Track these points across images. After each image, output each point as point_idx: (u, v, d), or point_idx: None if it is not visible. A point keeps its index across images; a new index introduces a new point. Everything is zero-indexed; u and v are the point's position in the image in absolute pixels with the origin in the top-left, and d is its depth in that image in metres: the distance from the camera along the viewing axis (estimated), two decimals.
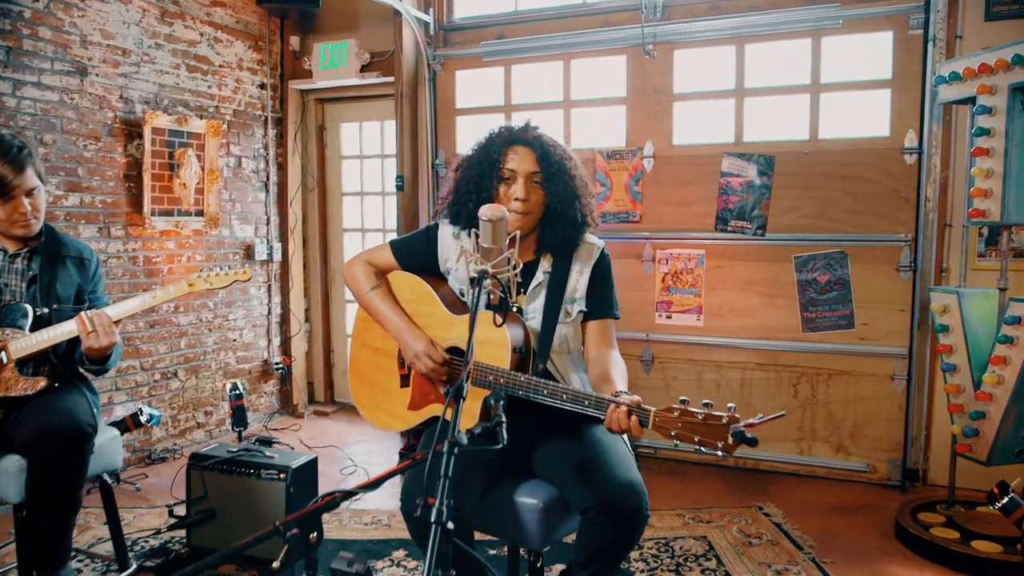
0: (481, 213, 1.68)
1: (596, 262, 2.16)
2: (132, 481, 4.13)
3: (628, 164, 4.59)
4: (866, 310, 4.14)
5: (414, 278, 2.19)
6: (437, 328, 2.11)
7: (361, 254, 2.31)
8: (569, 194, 2.10)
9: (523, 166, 2.06)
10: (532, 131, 2.14)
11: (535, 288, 2.12)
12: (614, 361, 2.03)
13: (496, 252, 1.66)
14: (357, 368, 2.30)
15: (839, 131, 4.15)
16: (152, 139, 4.40)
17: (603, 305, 2.16)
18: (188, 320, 4.76)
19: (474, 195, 2.08)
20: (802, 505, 3.95)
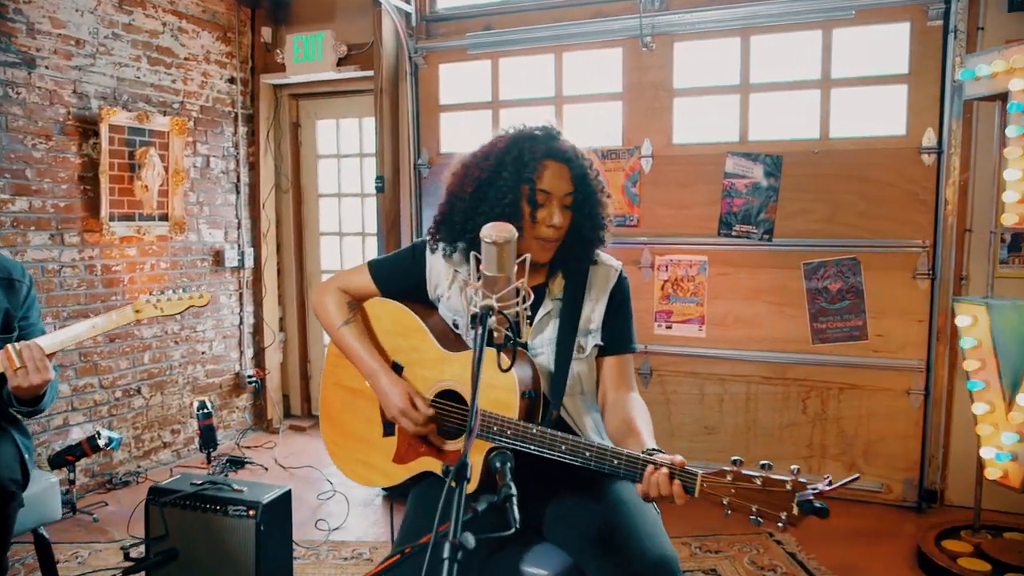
0: (485, 234, 1.36)
1: (614, 287, 1.85)
2: (89, 511, 3.78)
3: (625, 164, 4.30)
4: (880, 321, 3.88)
5: (397, 306, 1.87)
6: (426, 367, 1.80)
7: (334, 279, 1.97)
8: (598, 217, 1.80)
9: (558, 187, 1.74)
10: (564, 142, 1.80)
11: (544, 318, 1.80)
12: (636, 407, 1.72)
13: (502, 282, 1.35)
14: (330, 413, 1.98)
15: (852, 129, 3.88)
16: (110, 137, 4.04)
17: (621, 338, 1.85)
18: (152, 332, 4.41)
19: (492, 216, 1.69)
20: (816, 530, 3.68)
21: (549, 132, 1.80)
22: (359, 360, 1.84)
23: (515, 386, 1.59)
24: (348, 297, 1.93)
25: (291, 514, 3.11)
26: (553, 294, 1.82)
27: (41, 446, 3.83)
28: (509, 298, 1.36)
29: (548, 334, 1.80)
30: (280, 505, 3.03)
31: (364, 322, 1.92)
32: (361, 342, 1.85)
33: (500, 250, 1.34)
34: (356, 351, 1.85)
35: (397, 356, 1.87)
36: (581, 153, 1.80)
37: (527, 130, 1.80)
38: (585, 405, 1.83)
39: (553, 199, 1.72)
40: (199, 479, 3.09)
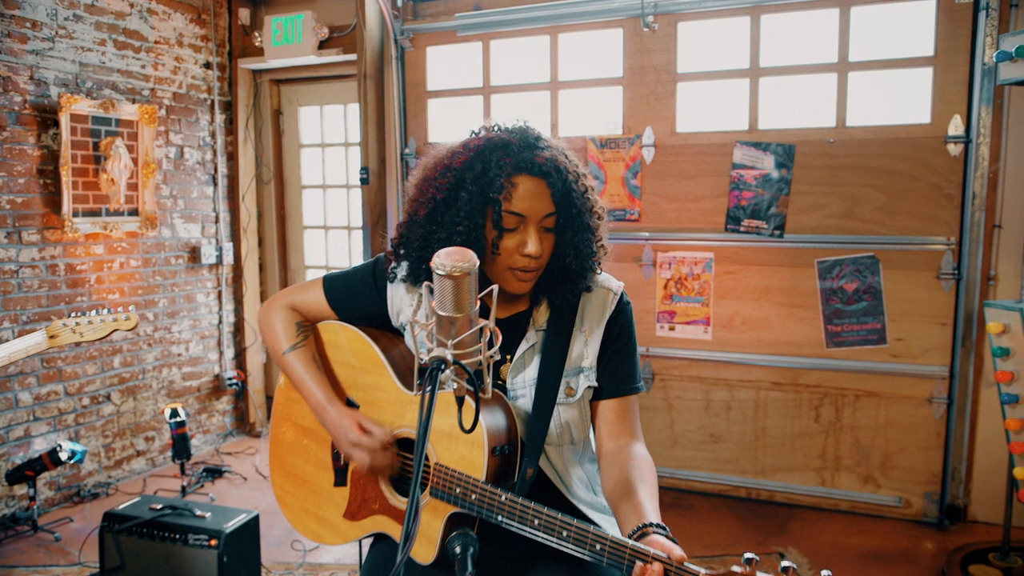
0: (437, 263, 1.06)
1: (612, 316, 1.52)
2: (51, 529, 3.53)
3: (625, 154, 4.00)
4: (900, 323, 3.60)
5: (355, 334, 1.58)
6: (384, 410, 1.52)
7: (283, 294, 1.68)
8: (585, 244, 1.45)
9: (535, 208, 1.39)
10: (544, 151, 1.43)
11: (525, 353, 1.50)
12: (638, 463, 1.41)
13: (461, 323, 1.07)
14: (280, 454, 1.71)
15: (871, 117, 3.58)
16: (72, 127, 3.76)
17: (621, 377, 1.52)
18: (122, 335, 4.14)
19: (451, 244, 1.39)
20: (828, 549, 3.43)
21: (525, 138, 1.44)
22: (307, 391, 1.57)
23: (483, 440, 1.31)
24: (299, 316, 1.64)
25: (259, 542, 2.85)
26: (537, 324, 1.51)
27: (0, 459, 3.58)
28: (470, 344, 1.08)
29: (529, 373, 1.49)
30: (246, 532, 2.78)
31: (317, 347, 1.64)
32: (310, 371, 1.57)
33: (456, 285, 1.04)
34: (304, 381, 1.57)
35: (353, 393, 1.59)
36: (566, 162, 1.44)
37: (498, 136, 1.44)
38: (574, 456, 1.54)
39: (529, 223, 1.39)
40: (159, 502, 2.84)
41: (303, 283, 1.67)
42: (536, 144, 1.44)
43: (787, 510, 3.82)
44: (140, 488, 4.10)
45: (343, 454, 1.51)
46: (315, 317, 1.65)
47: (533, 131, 1.48)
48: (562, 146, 1.49)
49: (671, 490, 4.06)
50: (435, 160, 1.48)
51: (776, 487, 3.88)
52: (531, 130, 1.48)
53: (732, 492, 3.97)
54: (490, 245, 1.39)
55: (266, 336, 1.66)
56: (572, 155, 1.50)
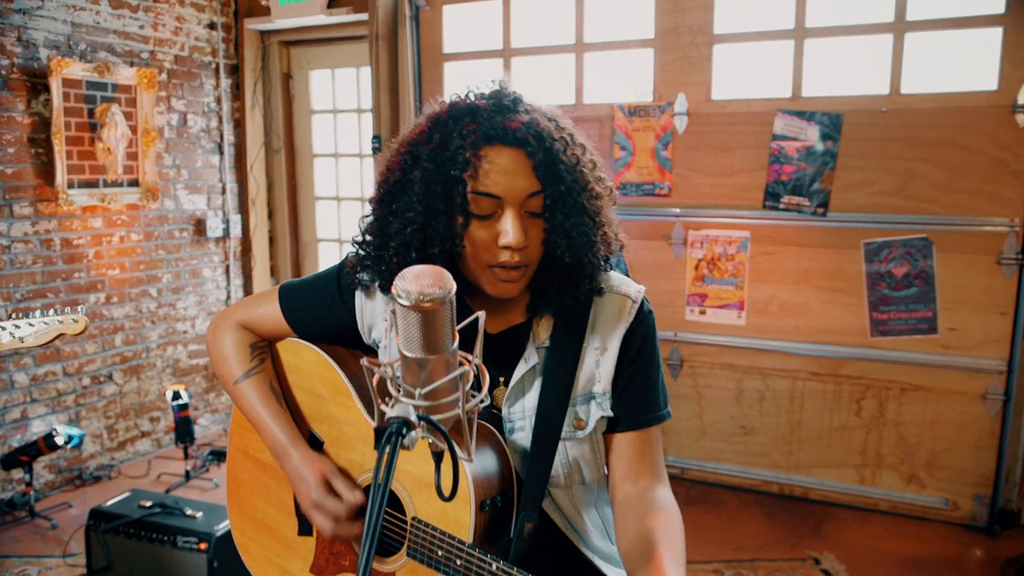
0: (400, 290, 0.80)
1: (631, 328, 1.24)
2: (48, 516, 3.39)
3: (655, 123, 3.69)
4: (954, 312, 3.29)
5: (319, 357, 1.32)
6: (353, 447, 1.28)
7: (233, 309, 1.41)
8: (584, 228, 1.17)
9: (513, 186, 1.11)
10: (521, 114, 1.14)
11: (524, 376, 1.23)
12: (662, 518, 1.14)
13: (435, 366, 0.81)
14: (237, 492, 1.47)
15: (929, 83, 3.23)
16: (64, 93, 3.54)
17: (643, 404, 1.24)
18: (124, 312, 3.97)
19: (412, 247, 1.14)
20: (867, 554, 3.18)
21: (498, 101, 1.15)
22: (264, 429, 1.32)
23: (469, 494, 1.07)
24: (252, 336, 1.38)
25: None
26: (539, 340, 1.24)
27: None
28: (447, 392, 0.83)
29: (529, 401, 1.23)
30: None
31: (276, 370, 1.39)
32: (267, 405, 1.32)
33: (426, 319, 0.79)
34: (260, 417, 1.32)
35: (317, 426, 1.34)
36: (549, 127, 1.15)
37: (465, 102, 1.17)
38: (588, 498, 1.29)
39: (507, 205, 1.11)
40: (150, 499, 2.66)
41: (257, 294, 1.41)
42: (512, 107, 1.15)
43: (822, 508, 3.57)
44: (144, 470, 3.96)
45: (304, 512, 1.27)
46: (271, 335, 1.39)
47: (510, 93, 1.18)
48: (550, 110, 1.21)
49: (698, 483, 3.82)
50: (399, 138, 1.22)
51: (811, 484, 3.62)
52: (507, 92, 1.18)
53: (763, 487, 3.72)
54: (455, 236, 1.12)
55: (214, 362, 1.40)
56: (565, 120, 1.21)
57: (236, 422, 1.43)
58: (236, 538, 1.44)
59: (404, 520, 1.17)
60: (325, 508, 1.22)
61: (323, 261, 4.91)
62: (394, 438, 0.75)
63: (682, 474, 3.86)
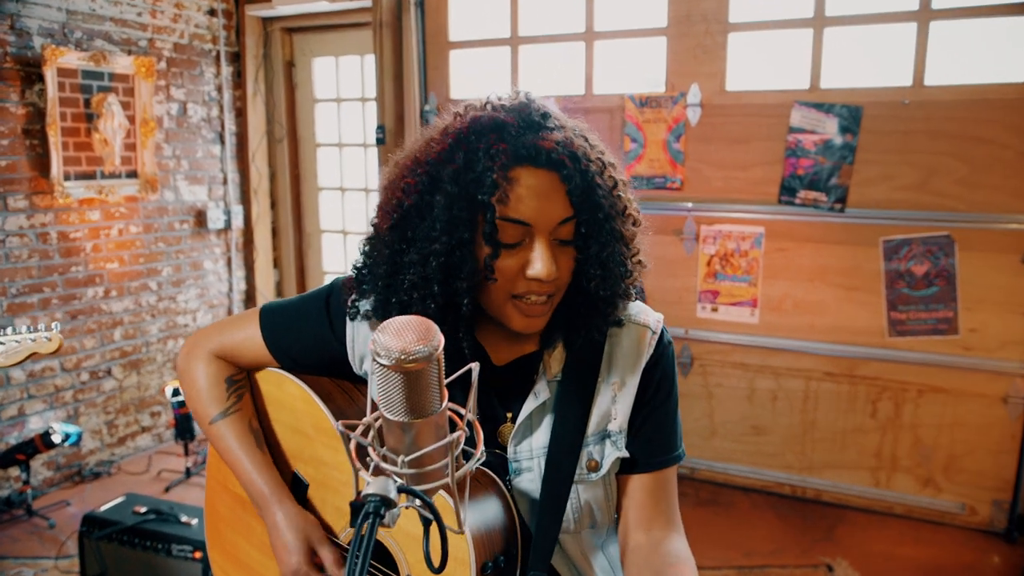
0: (379, 346, 0.70)
1: (651, 362, 1.14)
2: (46, 514, 3.34)
3: (667, 114, 3.57)
4: (976, 313, 3.17)
5: (302, 392, 1.19)
6: (341, 493, 1.18)
7: (207, 333, 1.27)
8: (621, 257, 1.06)
9: (545, 211, 0.99)
10: (554, 131, 1.03)
11: (533, 412, 1.12)
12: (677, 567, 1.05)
13: (422, 431, 0.72)
14: (217, 527, 1.37)
15: (955, 75, 3.10)
16: (59, 83, 3.44)
17: (660, 444, 1.15)
18: (123, 306, 3.90)
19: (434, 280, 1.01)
20: (882, 560, 3.09)
21: (527, 116, 1.03)
22: (243, 476, 1.20)
23: (469, 556, 0.97)
24: (228, 369, 1.25)
25: None
26: (550, 373, 1.13)
27: None
28: (435, 459, 0.73)
29: (538, 440, 1.12)
30: None
31: (256, 405, 1.27)
32: (246, 449, 1.20)
33: (410, 381, 0.69)
34: (238, 462, 1.20)
35: (300, 466, 1.23)
36: (585, 147, 1.03)
37: (489, 115, 1.03)
38: (595, 541, 1.19)
39: (537, 233, 1.00)
40: (145, 504, 2.60)
41: (235, 316, 1.28)
42: (542, 123, 1.03)
43: (835, 511, 3.48)
44: (145, 466, 3.90)
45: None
46: (250, 364, 1.26)
47: (538, 107, 1.06)
48: (580, 126, 1.09)
49: (708, 483, 3.73)
50: (407, 153, 1.08)
51: (824, 486, 3.53)
52: (535, 105, 1.06)
53: (775, 488, 3.63)
54: (483, 267, 1.00)
55: (186, 395, 1.28)
56: (595, 137, 1.09)
57: (213, 452, 1.34)
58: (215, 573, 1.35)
59: None
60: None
61: (327, 252, 4.83)
62: (371, 519, 0.66)
63: (692, 474, 3.77)
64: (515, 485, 1.12)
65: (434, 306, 1.01)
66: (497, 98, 1.07)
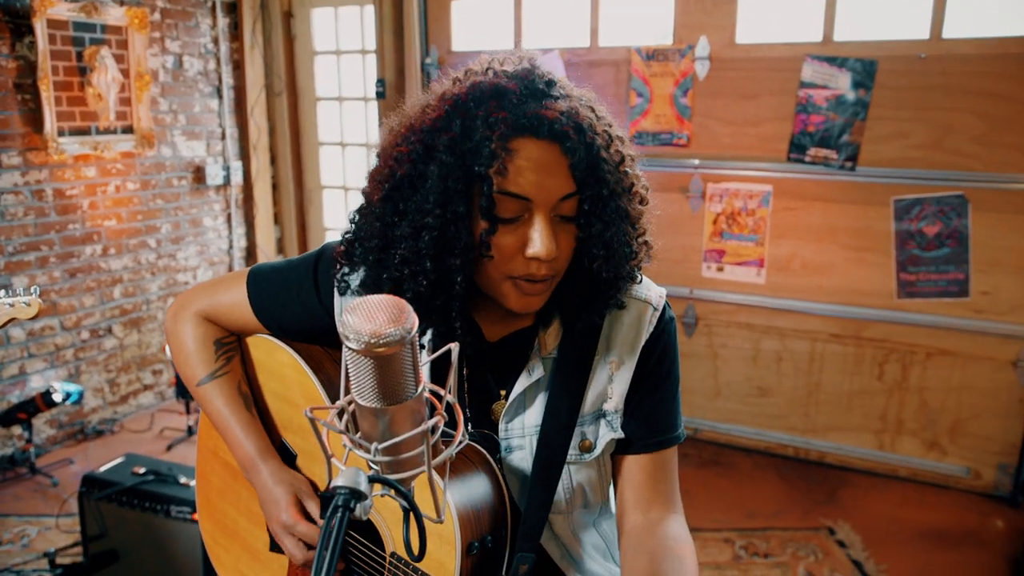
0: (348, 329, 0.65)
1: (651, 339, 1.09)
2: (49, 472, 3.35)
3: (674, 68, 3.46)
4: (988, 275, 3.11)
5: (292, 359, 1.16)
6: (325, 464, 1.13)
7: (195, 293, 1.23)
8: (626, 237, 1.00)
9: (546, 186, 0.93)
10: (558, 100, 0.96)
11: (527, 390, 1.08)
12: (676, 556, 0.99)
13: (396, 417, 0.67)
14: (207, 495, 1.35)
15: (974, 27, 2.98)
16: (49, 35, 3.35)
17: (659, 424, 1.10)
18: (122, 264, 3.86)
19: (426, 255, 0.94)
20: (884, 524, 3.08)
21: (530, 83, 0.95)
22: (231, 437, 1.17)
23: (455, 536, 0.94)
24: (217, 331, 1.22)
25: None
26: (545, 350, 1.08)
27: None
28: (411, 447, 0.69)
29: (530, 418, 1.08)
30: None
31: (245, 371, 1.24)
32: (235, 411, 1.17)
33: (380, 365, 0.64)
34: (226, 423, 1.17)
35: (289, 436, 1.20)
36: (591, 118, 0.96)
37: (489, 81, 0.95)
38: (587, 520, 1.16)
39: (536, 209, 0.94)
40: (144, 464, 2.59)
41: (223, 277, 1.23)
42: (546, 91, 0.96)
43: (838, 473, 3.46)
44: (147, 424, 3.90)
45: (272, 534, 1.14)
46: (238, 328, 1.22)
47: (543, 73, 0.99)
48: (587, 96, 1.01)
49: (711, 444, 3.72)
50: (402, 119, 1.01)
51: (828, 447, 3.51)
52: (540, 71, 0.99)
53: (778, 450, 3.61)
54: (478, 243, 0.94)
55: (175, 358, 1.24)
56: (603, 108, 1.01)
57: (204, 419, 1.31)
58: (207, 542, 1.33)
59: (383, 556, 1.05)
60: (297, 533, 1.09)
61: (328, 208, 4.76)
62: (340, 513, 0.62)
63: (695, 434, 3.76)
64: (506, 463, 1.08)
65: (426, 283, 0.95)
66: (499, 62, 1.00)
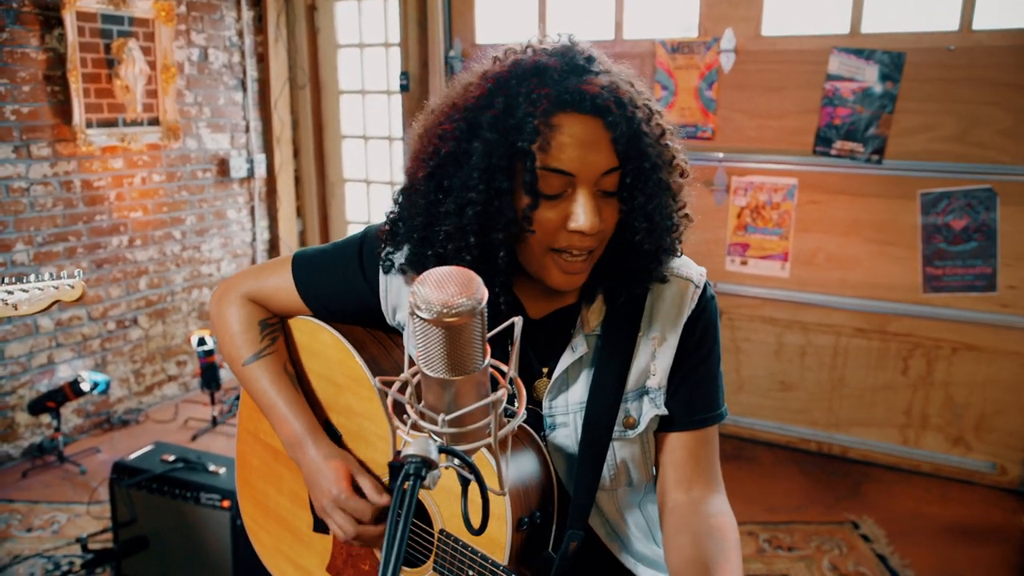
0: (419, 299, 0.66)
1: (692, 316, 1.10)
2: (77, 461, 3.40)
3: (699, 61, 3.46)
4: (1016, 269, 3.09)
5: (336, 340, 1.18)
6: (373, 445, 1.15)
7: (240, 278, 1.25)
8: (667, 210, 1.02)
9: (589, 161, 0.94)
10: (599, 76, 0.97)
11: (570, 367, 1.09)
12: (720, 535, 1.01)
13: (462, 388, 0.68)
14: (247, 478, 1.36)
15: (1005, 18, 2.96)
16: (79, 27, 3.39)
17: (701, 402, 1.11)
18: (147, 255, 3.90)
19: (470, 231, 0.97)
20: (908, 519, 3.07)
21: (571, 60, 0.97)
22: (276, 417, 1.19)
23: (506, 512, 0.95)
24: (261, 312, 1.24)
25: None
26: (588, 327, 1.09)
27: (23, 387, 3.42)
28: (477, 418, 0.70)
29: (575, 395, 1.09)
30: None
31: (290, 352, 1.26)
32: (281, 390, 1.18)
33: (451, 335, 0.65)
34: (272, 403, 1.18)
35: (334, 416, 1.22)
36: (632, 93, 0.97)
37: (530, 59, 0.98)
38: (632, 499, 1.17)
39: (580, 184, 0.95)
40: (173, 452, 2.62)
41: (267, 263, 1.26)
42: (587, 67, 0.97)
43: (860, 468, 3.45)
44: (172, 414, 3.95)
45: (320, 514, 1.15)
46: (283, 311, 1.24)
47: (582, 49, 1.00)
48: (626, 71, 1.03)
49: (733, 438, 3.71)
50: (444, 99, 1.04)
51: (851, 442, 3.50)
52: (579, 48, 1.00)
53: (801, 445, 3.60)
54: (521, 218, 0.95)
55: (219, 339, 1.26)
56: (641, 83, 1.03)
57: (245, 402, 1.33)
58: (247, 524, 1.35)
59: (431, 532, 1.06)
60: (348, 508, 1.10)
61: (350, 202, 4.78)
62: (412, 482, 0.63)
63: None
64: (550, 440, 1.10)
65: (469, 258, 0.98)
66: (539, 40, 1.02)
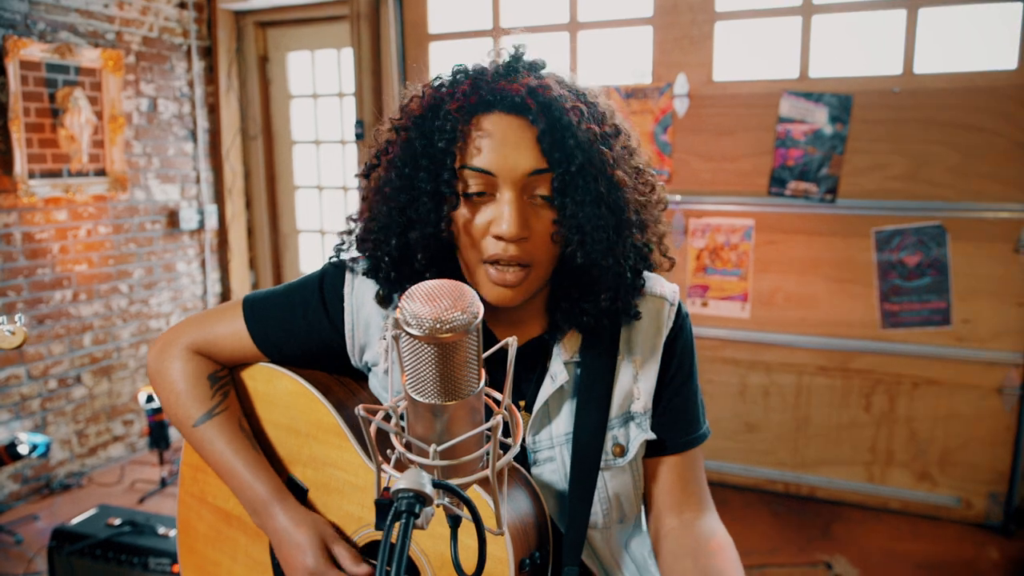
0: (406, 315, 0.60)
1: (670, 336, 1.06)
2: (13, 530, 3.18)
3: (654, 106, 3.51)
4: (969, 303, 3.14)
5: (298, 386, 1.08)
6: (346, 495, 1.05)
7: (182, 329, 1.13)
8: (606, 218, 0.94)
9: (511, 160, 0.90)
10: (528, 77, 0.95)
11: (551, 398, 1.03)
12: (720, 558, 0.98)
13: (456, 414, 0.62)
14: (191, 543, 1.23)
15: (945, 62, 3.07)
16: (22, 76, 3.29)
17: (687, 423, 1.07)
18: (92, 310, 3.74)
19: (392, 231, 0.96)
20: (879, 556, 3.04)
21: (510, 63, 0.98)
22: (236, 481, 1.08)
23: (508, 554, 0.88)
24: (209, 364, 1.12)
25: None
26: (566, 353, 1.04)
27: None
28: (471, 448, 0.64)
29: (559, 427, 1.03)
30: None
31: (242, 406, 1.15)
32: (238, 450, 1.07)
33: (444, 354, 0.60)
34: (229, 466, 1.07)
35: (297, 470, 1.11)
36: (562, 92, 0.94)
37: (476, 63, 0.99)
38: (623, 536, 1.10)
39: (503, 185, 0.91)
40: (118, 516, 2.46)
41: (211, 310, 1.15)
42: (515, 67, 0.97)
43: (830, 508, 3.42)
44: (117, 477, 3.74)
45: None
46: (233, 360, 1.14)
47: (525, 58, 0.99)
48: (567, 77, 1.01)
49: None
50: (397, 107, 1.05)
51: (818, 482, 3.48)
52: (526, 56, 0.99)
53: (768, 486, 3.57)
54: (441, 219, 0.94)
55: (163, 400, 1.13)
56: (597, 97, 1.01)
57: (187, 463, 1.21)
58: None
59: None
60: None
61: (304, 253, 4.69)
62: (404, 520, 0.56)
63: None
64: (536, 477, 1.03)
65: (388, 260, 0.98)
66: (501, 50, 1.01)
